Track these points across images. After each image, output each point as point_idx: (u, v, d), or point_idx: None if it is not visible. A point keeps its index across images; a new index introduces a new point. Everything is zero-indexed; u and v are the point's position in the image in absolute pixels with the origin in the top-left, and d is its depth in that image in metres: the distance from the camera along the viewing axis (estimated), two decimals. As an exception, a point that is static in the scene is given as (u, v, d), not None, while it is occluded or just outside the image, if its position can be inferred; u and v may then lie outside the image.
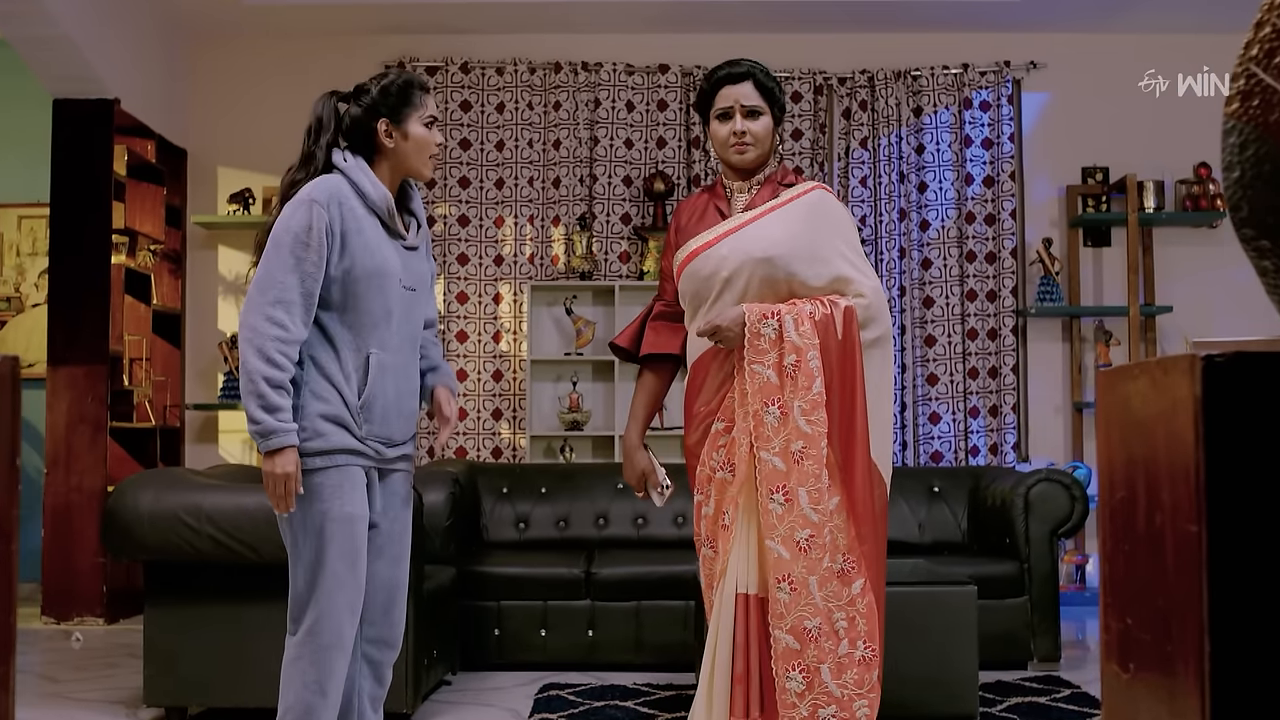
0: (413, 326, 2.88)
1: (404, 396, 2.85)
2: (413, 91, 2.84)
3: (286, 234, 2.68)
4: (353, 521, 2.72)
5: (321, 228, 2.68)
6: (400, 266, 2.82)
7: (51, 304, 6.16)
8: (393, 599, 2.90)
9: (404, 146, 2.83)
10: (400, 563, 2.91)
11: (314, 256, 2.67)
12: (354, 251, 2.72)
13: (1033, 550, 4.90)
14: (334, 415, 2.71)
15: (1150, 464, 1.14)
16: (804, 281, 2.86)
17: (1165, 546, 1.11)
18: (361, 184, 2.77)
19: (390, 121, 2.82)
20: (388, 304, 2.78)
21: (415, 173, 2.87)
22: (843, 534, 2.77)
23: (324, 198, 2.70)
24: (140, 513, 3.73)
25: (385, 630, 2.89)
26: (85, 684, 4.64)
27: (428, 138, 2.85)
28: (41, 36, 5.72)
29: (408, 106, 2.83)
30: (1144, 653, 1.18)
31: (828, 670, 2.71)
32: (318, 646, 2.71)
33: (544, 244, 6.85)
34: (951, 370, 6.77)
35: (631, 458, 3.09)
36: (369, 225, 2.77)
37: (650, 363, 3.14)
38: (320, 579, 2.70)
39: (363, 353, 2.75)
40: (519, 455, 6.74)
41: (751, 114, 2.94)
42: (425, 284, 2.94)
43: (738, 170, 2.99)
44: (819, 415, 2.76)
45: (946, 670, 3.89)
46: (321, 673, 2.71)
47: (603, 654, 4.85)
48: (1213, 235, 6.93)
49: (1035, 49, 6.92)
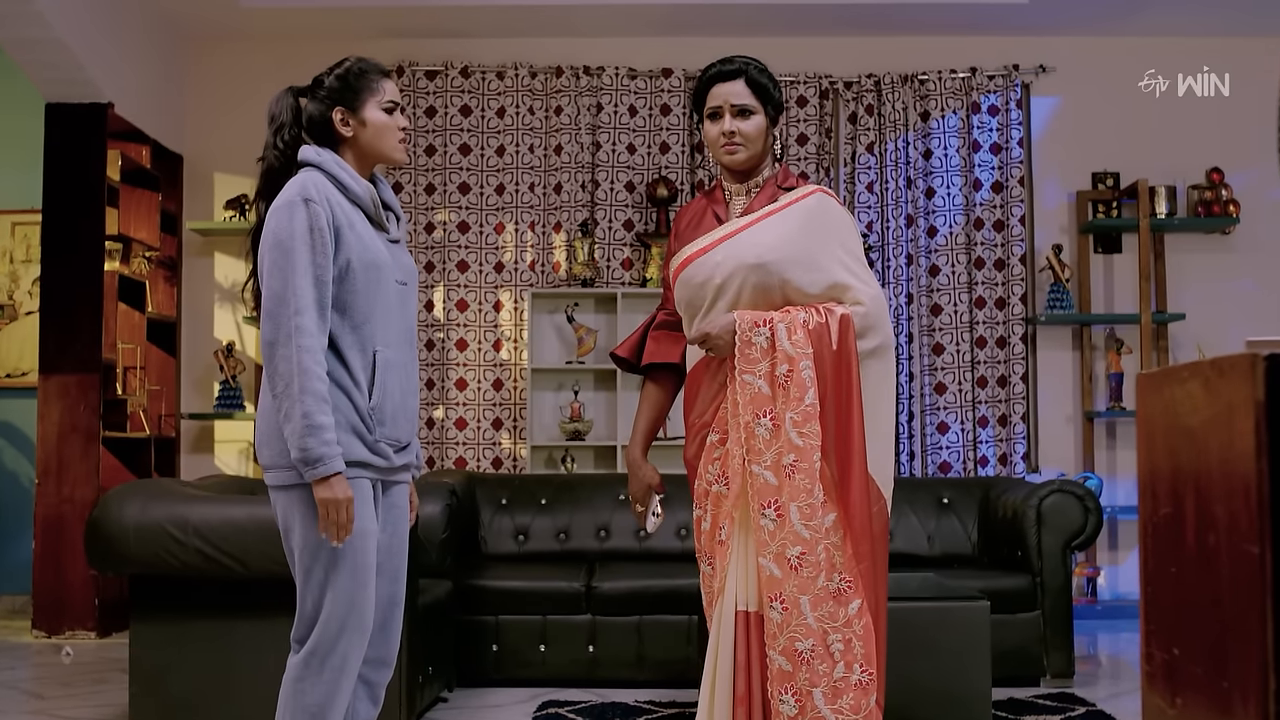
0: (407, 322, 2.78)
1: (407, 395, 2.74)
2: (368, 77, 2.73)
3: (292, 238, 2.55)
4: (365, 538, 2.61)
5: (323, 225, 2.57)
6: (391, 260, 2.72)
7: (43, 311, 6.07)
8: (390, 616, 2.79)
9: (363, 134, 2.72)
10: (398, 579, 2.80)
11: (321, 259, 2.56)
12: (350, 247, 2.61)
13: (1045, 563, 4.78)
14: (346, 423, 2.59)
15: (1201, 476, 1.02)
16: (799, 288, 2.74)
17: (1219, 569, 0.99)
18: (342, 178, 2.66)
19: (346, 110, 2.71)
20: (386, 299, 2.67)
21: (384, 158, 2.75)
22: (839, 552, 2.65)
23: (315, 194, 2.58)
24: (125, 525, 3.63)
25: (381, 649, 2.78)
26: (72, 700, 4.53)
27: (388, 122, 2.73)
28: (34, 39, 5.63)
29: (364, 92, 2.72)
30: (1194, 686, 1.06)
31: (820, 694, 2.59)
32: (325, 669, 2.59)
33: (545, 251, 6.75)
34: (960, 379, 6.65)
35: (634, 472, 2.99)
36: (357, 219, 2.67)
37: (652, 373, 3.04)
38: (329, 599, 2.59)
39: (369, 352, 2.64)
40: (519, 466, 6.63)
41: (742, 113, 2.81)
42: (412, 276, 2.84)
43: (733, 172, 2.88)
44: (811, 428, 2.64)
45: (958, 688, 3.78)
46: (324, 696, 2.60)
47: (604, 670, 4.74)
48: (1226, 241, 6.82)
49: (1044, 52, 6.81)
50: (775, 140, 2.90)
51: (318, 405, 2.49)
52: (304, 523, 2.59)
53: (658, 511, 2.97)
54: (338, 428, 2.56)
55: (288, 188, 2.61)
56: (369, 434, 2.62)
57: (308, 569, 2.61)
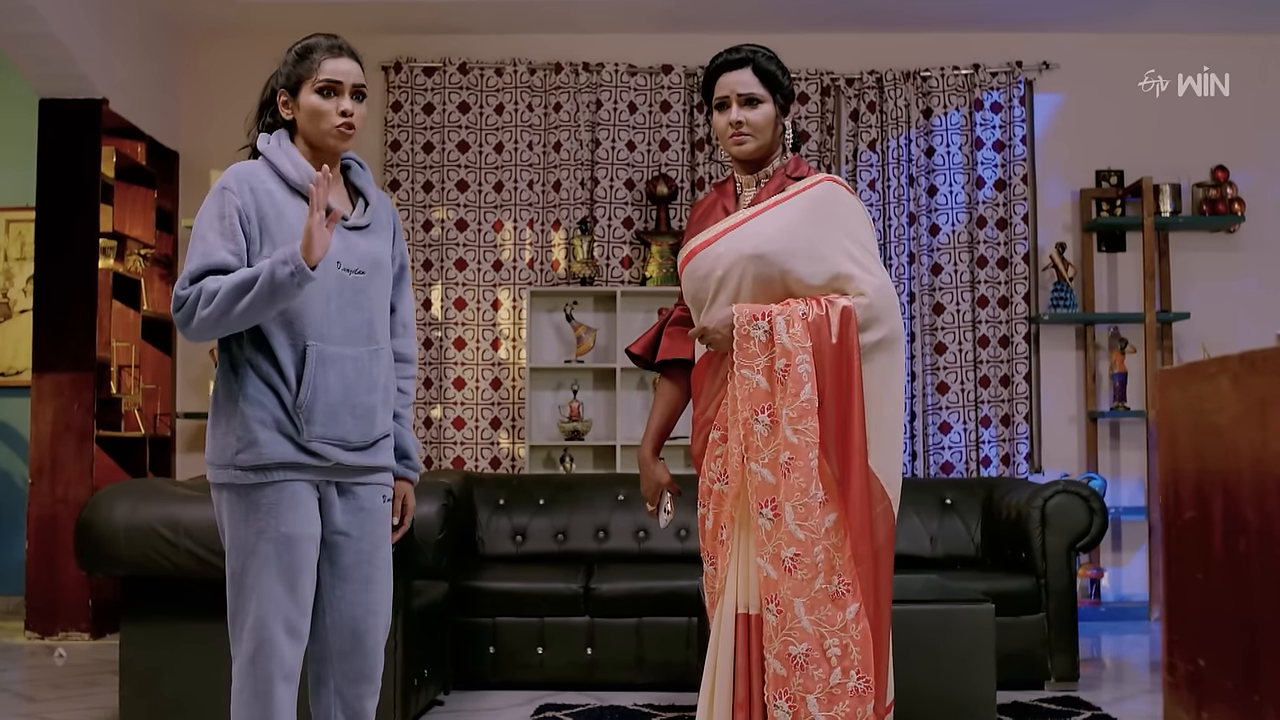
0: (364, 313, 2.61)
1: (356, 392, 2.57)
2: (309, 56, 2.60)
3: (199, 223, 2.52)
4: (291, 542, 2.51)
5: (233, 213, 2.49)
6: (340, 248, 2.56)
7: (37, 309, 6.00)
8: (365, 627, 2.62)
9: (300, 117, 2.60)
10: (371, 586, 2.63)
11: (230, 244, 2.47)
12: (274, 236, 2.51)
13: (1050, 565, 4.72)
14: (272, 419, 2.50)
15: (1230, 477, 0.97)
16: (801, 279, 2.66)
17: (1250, 575, 0.93)
18: (280, 164, 2.56)
19: (288, 92, 2.62)
20: (324, 290, 2.52)
21: (321, 145, 2.59)
22: (839, 553, 2.57)
23: (234, 183, 2.52)
24: (115, 525, 3.57)
25: (358, 661, 2.63)
26: (64, 703, 4.47)
27: (319, 106, 2.56)
28: (27, 34, 5.57)
29: (303, 73, 2.60)
30: (1222, 699, 1.00)
31: (815, 701, 2.51)
32: (258, 677, 2.51)
33: (544, 249, 6.69)
34: (962, 378, 6.60)
35: (644, 472, 2.92)
36: (292, 208, 2.54)
37: (667, 370, 2.96)
38: (252, 601, 2.50)
39: (299, 346, 2.52)
40: (518, 465, 6.57)
41: (749, 102, 2.74)
42: (379, 266, 2.66)
43: (743, 163, 2.81)
44: (807, 424, 2.56)
45: (962, 692, 3.71)
46: (265, 705, 2.52)
47: (602, 673, 4.68)
48: (1231, 240, 6.76)
49: (1048, 49, 6.75)
50: (786, 130, 2.81)
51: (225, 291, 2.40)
52: (232, 523, 2.54)
53: (669, 509, 2.92)
54: (263, 426, 2.49)
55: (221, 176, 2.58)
56: (297, 434, 2.51)
57: (234, 570, 2.54)
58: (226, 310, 2.41)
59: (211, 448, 2.55)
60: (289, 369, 2.52)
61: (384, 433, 2.67)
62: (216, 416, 2.55)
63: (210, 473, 2.57)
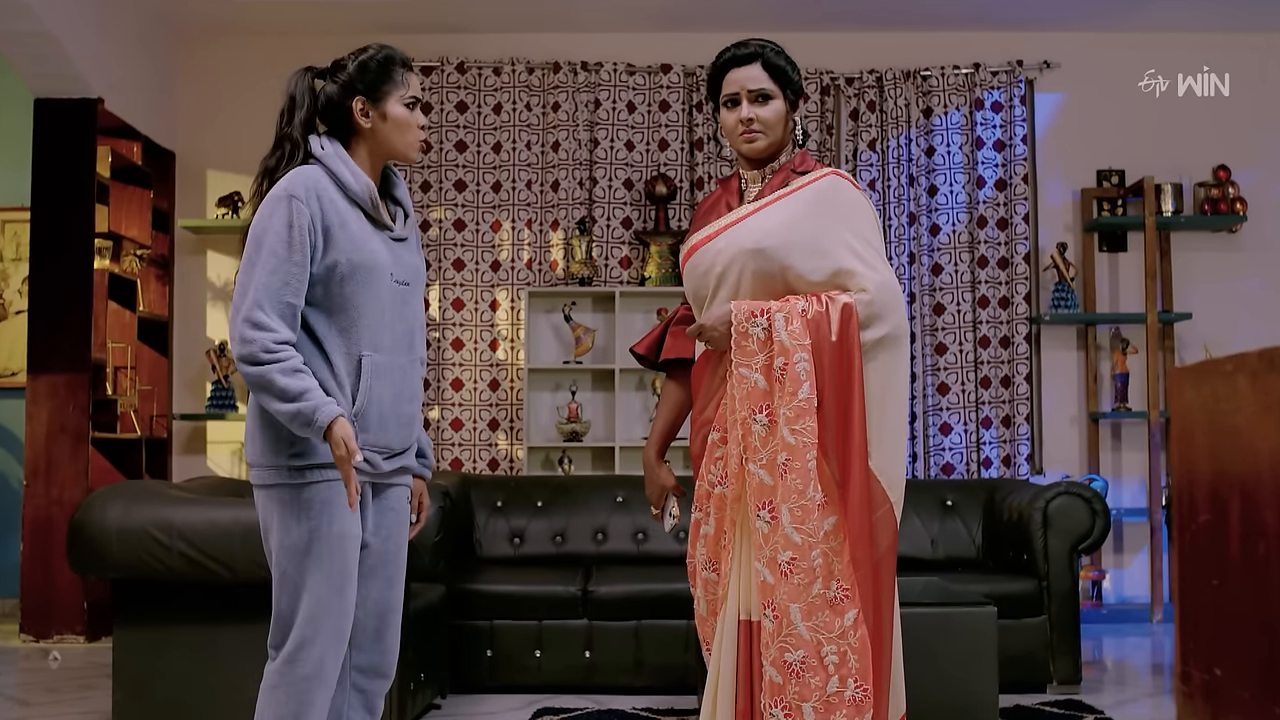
0: (408, 324, 2.66)
1: (401, 401, 2.62)
2: (393, 68, 2.62)
3: (266, 233, 2.46)
4: (344, 540, 2.50)
5: (304, 224, 2.46)
6: (390, 259, 2.60)
7: (32, 310, 5.97)
8: (385, 624, 2.68)
9: (382, 128, 2.61)
10: (394, 585, 2.69)
11: (298, 256, 2.45)
12: (339, 246, 2.50)
13: (1052, 567, 4.69)
14: None
15: (1249, 479, 0.93)
16: (801, 275, 2.59)
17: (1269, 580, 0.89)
18: (341, 174, 2.55)
19: (367, 100, 2.60)
20: (379, 301, 2.56)
21: (398, 155, 2.65)
22: (837, 558, 2.49)
23: (302, 192, 2.48)
24: (108, 528, 3.53)
25: (376, 657, 2.67)
26: (57, 706, 4.43)
27: (408, 118, 2.62)
28: (21, 32, 5.53)
29: (387, 84, 2.60)
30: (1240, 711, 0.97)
31: (810, 710, 2.44)
32: (296, 677, 2.49)
33: (542, 249, 6.66)
34: (963, 379, 6.56)
35: (649, 474, 2.86)
36: (352, 218, 2.55)
37: (672, 370, 2.90)
38: (304, 603, 2.48)
39: (354, 355, 2.53)
40: (516, 467, 6.54)
41: (760, 98, 2.68)
42: (419, 278, 2.72)
43: (750, 160, 2.75)
44: (805, 424, 2.49)
45: (964, 696, 3.68)
46: (299, 706, 2.50)
47: (600, 676, 4.64)
48: (1233, 240, 6.73)
49: (1049, 48, 6.72)
50: (796, 125, 2.75)
51: (289, 379, 2.39)
52: (282, 523, 2.50)
53: (674, 512, 2.87)
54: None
55: (281, 181, 2.52)
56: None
57: (284, 571, 2.51)
58: (264, 391, 2.41)
59: (260, 449, 2.52)
60: (345, 377, 2.52)
61: (417, 439, 2.73)
62: (267, 417, 2.50)
63: (255, 474, 2.53)
